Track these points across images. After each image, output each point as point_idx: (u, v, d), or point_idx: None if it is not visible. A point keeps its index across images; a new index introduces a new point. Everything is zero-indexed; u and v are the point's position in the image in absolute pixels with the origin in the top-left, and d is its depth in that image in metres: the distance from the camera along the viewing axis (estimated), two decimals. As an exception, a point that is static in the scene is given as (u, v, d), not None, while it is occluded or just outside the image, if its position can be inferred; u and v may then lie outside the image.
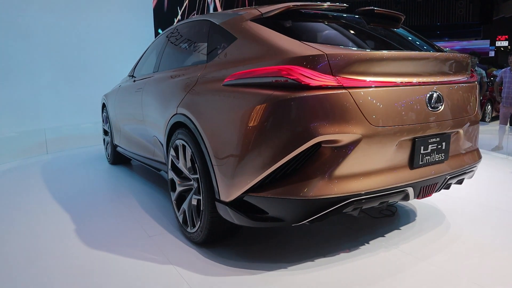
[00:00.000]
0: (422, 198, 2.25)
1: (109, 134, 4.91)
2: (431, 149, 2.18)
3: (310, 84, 1.84)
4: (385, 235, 2.61)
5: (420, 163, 2.15)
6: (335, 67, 1.89)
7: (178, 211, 2.70)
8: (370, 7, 2.59)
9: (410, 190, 2.15)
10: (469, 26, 22.61)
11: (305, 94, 1.85)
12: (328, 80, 1.86)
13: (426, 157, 2.17)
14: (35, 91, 5.91)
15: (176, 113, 2.65)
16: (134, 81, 3.90)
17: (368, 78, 1.96)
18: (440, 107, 2.19)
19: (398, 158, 2.08)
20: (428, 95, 2.15)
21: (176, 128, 2.69)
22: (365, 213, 2.96)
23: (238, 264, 2.23)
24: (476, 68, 7.02)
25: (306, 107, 1.86)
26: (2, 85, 5.42)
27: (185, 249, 2.46)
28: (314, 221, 1.97)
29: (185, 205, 2.60)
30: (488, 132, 7.81)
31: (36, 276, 2.20)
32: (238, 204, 2.08)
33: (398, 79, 2.06)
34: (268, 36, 2.16)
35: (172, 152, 2.75)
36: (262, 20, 2.29)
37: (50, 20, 6.10)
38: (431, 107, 2.15)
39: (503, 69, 6.50)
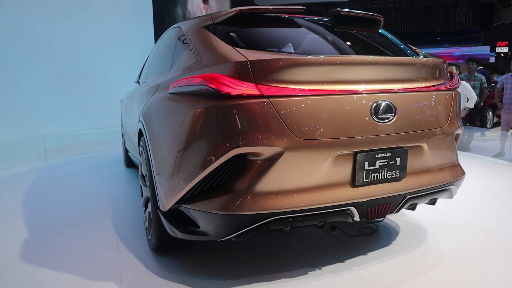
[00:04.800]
0: (373, 219, 2.03)
1: (123, 137, 5.08)
2: (379, 165, 1.93)
3: (231, 93, 1.72)
4: (345, 260, 2.28)
5: (364, 180, 1.91)
6: (259, 74, 1.75)
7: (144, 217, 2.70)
8: (336, 9, 2.33)
9: (353, 210, 1.92)
10: (469, 32, 22.68)
11: (223, 103, 1.75)
12: (248, 88, 1.73)
13: (373, 174, 1.93)
14: (34, 96, 5.90)
15: (139, 120, 2.70)
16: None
17: (296, 86, 1.78)
18: (391, 118, 1.93)
19: (337, 175, 1.87)
20: (374, 104, 1.90)
21: (141, 135, 2.70)
22: (341, 231, 2.62)
23: (180, 279, 2.14)
24: (476, 74, 6.99)
25: (224, 117, 1.76)
26: (1, 91, 5.41)
27: (140, 257, 2.42)
28: (239, 237, 1.84)
29: (146, 212, 2.58)
30: (490, 138, 7.78)
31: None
32: (175, 215, 2.02)
33: (335, 87, 1.85)
34: (207, 44, 2.09)
35: (139, 158, 2.79)
36: (211, 26, 2.21)
37: (50, 25, 6.10)
38: (378, 118, 1.90)
39: (504, 75, 6.48)
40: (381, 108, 1.92)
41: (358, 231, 2.71)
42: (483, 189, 3.92)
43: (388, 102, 1.94)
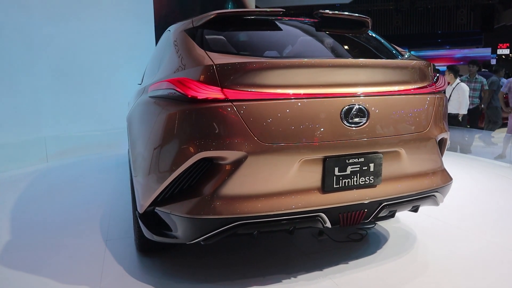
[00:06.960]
0: (346, 226, 1.99)
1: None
2: (351, 171, 1.89)
3: (197, 97, 1.73)
4: (325, 267, 2.22)
5: (335, 186, 1.87)
6: (224, 78, 1.75)
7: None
8: (319, 11, 2.27)
9: (323, 216, 1.87)
10: (470, 34, 22.69)
11: (189, 107, 1.77)
12: (213, 92, 1.74)
13: (344, 180, 1.88)
14: (35, 98, 5.91)
15: (127, 122, 2.79)
16: None
17: (262, 90, 1.77)
18: (363, 122, 1.88)
19: (305, 180, 1.84)
20: (345, 108, 1.84)
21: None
22: (328, 236, 2.57)
23: (156, 281, 2.15)
24: (477, 76, 6.97)
25: (190, 121, 1.77)
26: (2, 92, 5.44)
27: (124, 257, 2.44)
28: (206, 240, 1.84)
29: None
30: (491, 140, 7.77)
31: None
32: (151, 217, 2.03)
33: (302, 91, 1.82)
34: (184, 47, 2.11)
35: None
36: (191, 30, 2.20)
37: (52, 27, 6.11)
38: (348, 122, 1.85)
39: (510, 78, 6.41)
40: (352, 112, 1.86)
41: (347, 237, 2.62)
42: (482, 192, 3.90)
43: (360, 106, 1.88)
